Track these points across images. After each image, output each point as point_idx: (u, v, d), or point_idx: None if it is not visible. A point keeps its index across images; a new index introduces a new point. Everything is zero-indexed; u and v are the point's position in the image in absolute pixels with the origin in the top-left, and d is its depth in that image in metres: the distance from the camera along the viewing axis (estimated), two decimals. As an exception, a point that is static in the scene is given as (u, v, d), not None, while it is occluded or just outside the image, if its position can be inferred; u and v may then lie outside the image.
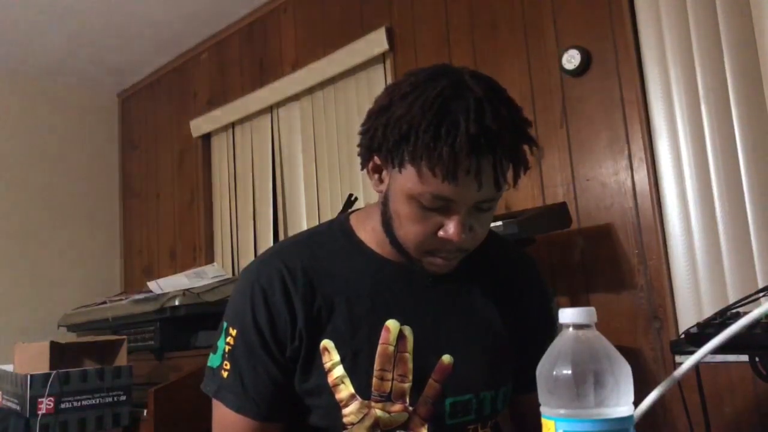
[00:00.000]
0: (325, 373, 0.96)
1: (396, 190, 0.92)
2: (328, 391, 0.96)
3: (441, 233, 0.90)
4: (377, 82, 2.85)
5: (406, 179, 0.88)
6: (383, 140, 0.89)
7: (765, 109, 1.83)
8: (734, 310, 1.37)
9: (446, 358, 0.98)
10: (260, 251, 3.10)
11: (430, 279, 1.00)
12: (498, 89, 0.90)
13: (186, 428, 2.16)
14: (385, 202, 0.95)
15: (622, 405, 0.65)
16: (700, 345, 0.77)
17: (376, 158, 0.94)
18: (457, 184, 0.85)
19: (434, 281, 1.01)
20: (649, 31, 2.06)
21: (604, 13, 2.15)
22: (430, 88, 0.86)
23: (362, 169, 0.98)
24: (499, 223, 1.86)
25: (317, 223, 1.27)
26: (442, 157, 0.83)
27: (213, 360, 1.01)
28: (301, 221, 3.18)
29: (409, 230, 0.92)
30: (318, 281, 0.98)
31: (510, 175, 0.89)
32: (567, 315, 0.68)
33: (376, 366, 0.95)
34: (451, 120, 0.84)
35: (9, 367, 2.50)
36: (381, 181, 0.96)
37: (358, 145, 0.97)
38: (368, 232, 1.03)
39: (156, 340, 2.70)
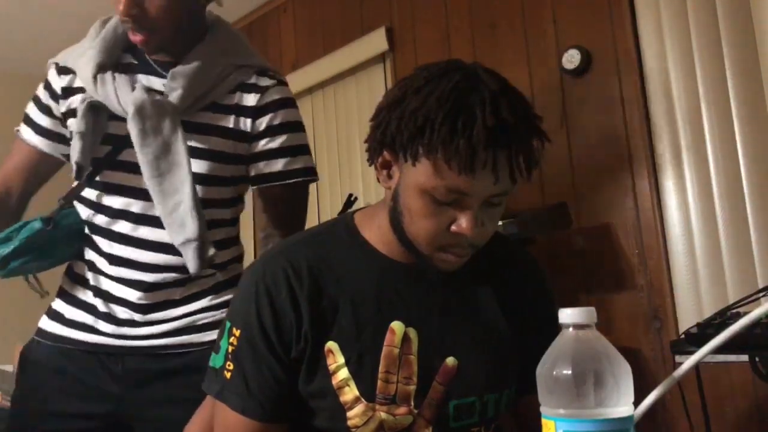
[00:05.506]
0: (329, 375, 0.95)
1: (408, 185, 0.91)
2: (333, 393, 0.95)
3: (454, 227, 0.90)
4: (377, 82, 2.85)
5: (420, 173, 0.88)
6: (397, 134, 0.88)
7: (765, 109, 1.84)
8: (734, 310, 1.38)
9: (450, 361, 0.97)
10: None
11: (439, 277, 0.99)
12: (510, 84, 0.91)
13: (187, 428, 2.16)
14: (394, 198, 0.94)
15: (622, 405, 0.65)
16: (700, 345, 0.77)
17: (386, 153, 0.93)
18: (473, 177, 0.84)
19: (440, 282, 1.00)
20: (649, 31, 2.06)
21: (604, 13, 2.15)
22: (445, 81, 0.86)
23: (371, 165, 0.97)
24: (499, 223, 1.86)
25: (317, 223, 1.26)
26: (459, 149, 0.82)
27: (215, 360, 1.00)
28: (302, 221, 3.17)
29: (420, 225, 0.91)
30: (323, 281, 0.97)
31: (523, 168, 0.88)
32: (567, 315, 0.68)
33: (381, 368, 0.94)
34: (468, 112, 0.83)
35: (9, 367, 2.51)
36: (390, 176, 0.95)
37: (368, 140, 0.95)
38: (374, 231, 1.01)
39: (156, 340, 2.69)
